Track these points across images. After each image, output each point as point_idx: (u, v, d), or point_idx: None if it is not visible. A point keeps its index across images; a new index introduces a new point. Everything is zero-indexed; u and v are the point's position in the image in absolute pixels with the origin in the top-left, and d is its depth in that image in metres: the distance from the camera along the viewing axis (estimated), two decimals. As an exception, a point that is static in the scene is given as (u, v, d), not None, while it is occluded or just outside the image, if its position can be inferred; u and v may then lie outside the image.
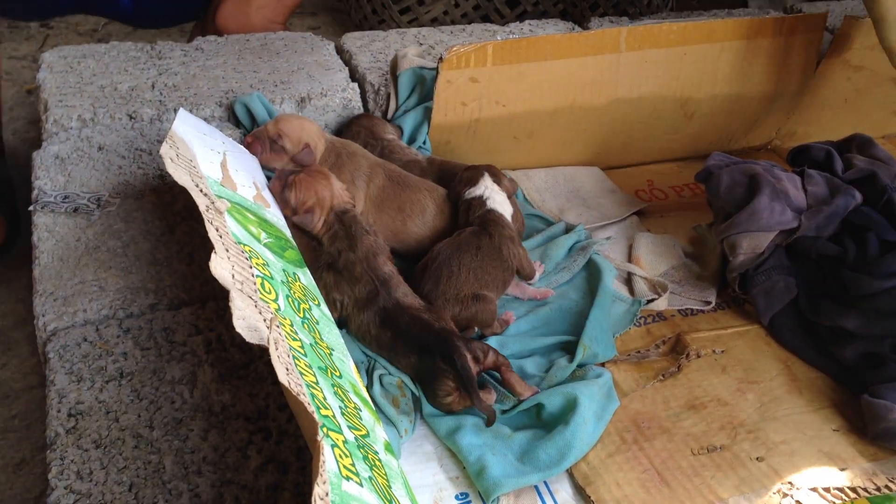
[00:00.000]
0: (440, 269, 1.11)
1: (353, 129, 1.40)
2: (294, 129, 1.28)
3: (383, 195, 1.24)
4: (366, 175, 1.25)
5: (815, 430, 1.03)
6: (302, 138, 1.26)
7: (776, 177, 1.22)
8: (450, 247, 1.13)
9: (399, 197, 1.24)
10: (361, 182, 1.25)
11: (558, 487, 0.94)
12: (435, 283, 1.10)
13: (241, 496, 0.86)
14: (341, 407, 0.77)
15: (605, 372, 1.06)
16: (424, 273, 1.12)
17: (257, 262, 0.84)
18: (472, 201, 1.20)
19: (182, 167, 0.91)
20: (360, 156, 1.28)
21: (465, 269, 1.11)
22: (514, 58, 1.34)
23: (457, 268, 1.10)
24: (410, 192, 1.24)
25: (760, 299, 1.19)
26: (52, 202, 1.20)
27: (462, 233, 1.16)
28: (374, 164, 1.27)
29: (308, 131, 1.28)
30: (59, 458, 0.88)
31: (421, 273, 1.13)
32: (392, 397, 1.00)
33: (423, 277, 1.11)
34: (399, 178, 1.26)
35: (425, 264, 1.13)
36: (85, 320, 1.05)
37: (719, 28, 1.44)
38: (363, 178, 1.25)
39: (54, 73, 1.50)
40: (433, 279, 1.10)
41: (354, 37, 1.73)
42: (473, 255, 1.12)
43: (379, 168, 1.26)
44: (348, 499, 0.63)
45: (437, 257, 1.12)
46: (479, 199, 1.20)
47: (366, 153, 1.30)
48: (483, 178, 1.23)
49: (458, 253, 1.12)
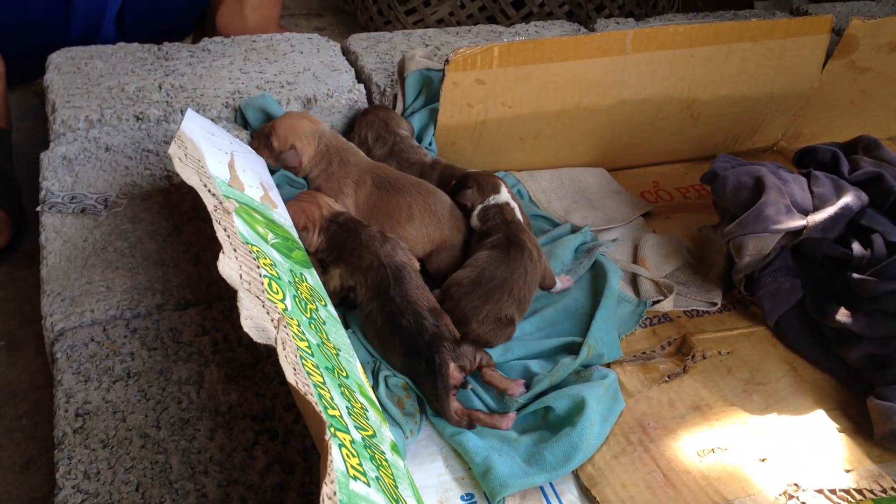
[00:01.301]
0: (495, 290, 1.08)
1: (369, 119, 1.40)
2: (284, 128, 1.29)
3: (370, 202, 1.23)
4: (353, 182, 1.25)
5: (821, 431, 1.03)
6: (289, 139, 1.27)
7: (782, 178, 1.22)
8: (506, 268, 1.10)
9: (387, 203, 1.22)
10: (349, 189, 1.25)
11: (564, 489, 0.94)
12: (484, 301, 1.07)
13: (248, 496, 0.86)
14: (348, 407, 0.77)
15: (611, 373, 1.06)
16: (475, 289, 1.08)
17: (265, 262, 0.85)
18: (495, 209, 1.19)
19: (190, 167, 0.91)
20: (351, 164, 1.27)
21: (515, 293, 1.09)
22: (520, 60, 1.34)
23: (509, 292, 1.09)
24: (399, 197, 1.22)
25: (766, 301, 1.19)
26: (60, 203, 1.21)
27: (507, 249, 1.12)
28: (365, 170, 1.26)
29: (298, 132, 1.28)
30: (67, 458, 0.88)
31: (471, 288, 1.09)
32: (397, 398, 1.01)
33: (473, 293, 1.08)
34: (388, 182, 1.24)
35: (477, 280, 1.09)
36: (92, 320, 1.05)
37: (725, 30, 1.44)
38: (351, 186, 1.25)
39: (62, 73, 1.50)
40: (483, 297, 1.08)
41: (360, 38, 1.73)
42: (524, 279, 1.11)
43: (368, 175, 1.25)
44: (356, 498, 0.63)
45: (493, 277, 1.09)
46: (505, 207, 1.19)
47: (360, 160, 1.29)
48: (503, 184, 1.22)
49: (513, 276, 1.10)
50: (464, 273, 1.11)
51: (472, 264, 1.12)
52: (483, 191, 1.22)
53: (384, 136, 1.36)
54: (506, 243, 1.13)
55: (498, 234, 1.15)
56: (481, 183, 1.23)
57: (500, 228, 1.16)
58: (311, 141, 1.28)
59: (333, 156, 1.28)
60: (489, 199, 1.21)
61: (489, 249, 1.13)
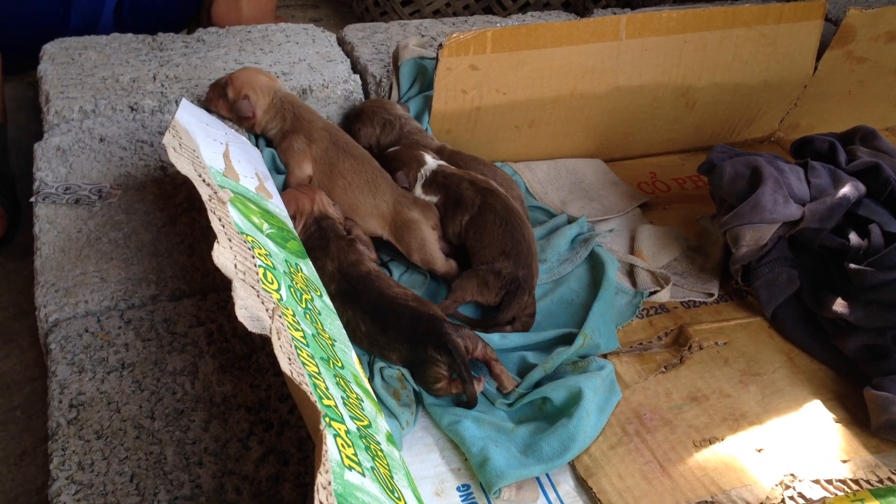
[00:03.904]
0: (534, 257, 1.16)
1: (369, 111, 1.40)
2: (240, 79, 1.32)
3: (327, 157, 1.24)
4: (306, 139, 1.27)
5: (818, 422, 1.03)
6: (243, 89, 1.29)
7: (779, 168, 1.21)
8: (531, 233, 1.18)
9: (342, 161, 1.24)
10: (302, 145, 1.26)
11: (560, 479, 0.94)
12: (531, 271, 1.14)
13: (243, 487, 0.86)
14: (343, 397, 0.77)
15: (608, 364, 1.06)
16: (518, 257, 1.14)
17: (260, 252, 0.84)
18: (432, 178, 1.24)
19: (185, 157, 0.90)
20: (305, 120, 1.29)
21: (527, 236, 1.17)
22: (513, 45, 1.34)
23: (527, 249, 1.16)
24: (354, 162, 1.24)
25: (763, 291, 1.19)
26: (54, 193, 1.20)
27: (509, 212, 1.18)
28: (320, 127, 1.28)
29: (254, 84, 1.31)
30: (61, 449, 0.88)
31: (516, 255, 1.14)
32: (393, 390, 1.00)
33: (519, 260, 1.13)
34: (345, 143, 1.26)
35: (518, 248, 1.14)
36: (86, 311, 1.04)
37: (718, 15, 1.44)
38: (303, 142, 1.26)
39: (56, 64, 1.49)
40: (530, 268, 1.14)
41: (356, 28, 1.72)
42: (521, 221, 1.19)
43: (324, 132, 1.27)
44: (351, 488, 0.63)
45: (531, 245, 1.16)
46: (439, 172, 1.25)
47: (314, 117, 1.31)
48: (425, 153, 1.27)
49: (521, 231, 1.17)
50: (489, 253, 1.15)
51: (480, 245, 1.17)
52: (410, 167, 1.25)
53: (390, 121, 1.36)
54: (479, 211, 1.18)
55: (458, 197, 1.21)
56: (405, 161, 1.26)
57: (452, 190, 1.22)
58: (265, 94, 1.30)
59: (287, 112, 1.30)
60: (421, 172, 1.24)
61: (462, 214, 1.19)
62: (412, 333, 0.99)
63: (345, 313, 1.03)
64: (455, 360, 0.96)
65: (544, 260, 1.23)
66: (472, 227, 1.18)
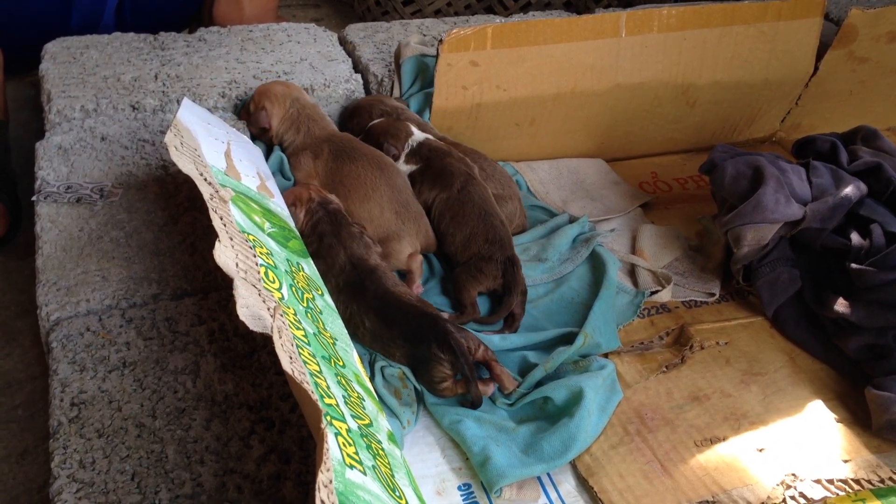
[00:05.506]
0: (511, 240, 1.20)
1: (365, 106, 1.40)
2: (259, 91, 1.33)
3: (327, 169, 1.25)
4: (312, 154, 1.27)
5: (819, 421, 1.03)
6: (261, 101, 1.31)
7: (781, 168, 1.21)
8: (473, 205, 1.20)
9: (340, 171, 1.23)
10: (307, 161, 1.27)
11: (561, 479, 0.94)
12: (514, 252, 1.17)
13: (244, 485, 0.86)
14: (345, 396, 0.77)
15: (609, 363, 1.06)
16: (503, 241, 1.17)
17: (261, 251, 0.84)
18: (418, 148, 1.28)
19: (186, 156, 0.90)
20: (314, 135, 1.29)
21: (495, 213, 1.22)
22: (513, 41, 1.34)
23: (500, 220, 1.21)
24: (352, 166, 1.22)
25: (765, 291, 1.19)
26: (55, 192, 1.20)
27: (485, 202, 1.21)
28: (323, 139, 1.28)
29: (270, 94, 1.32)
30: (62, 448, 0.88)
31: (500, 240, 1.17)
32: (394, 389, 1.00)
33: (504, 244, 1.16)
34: (345, 151, 1.25)
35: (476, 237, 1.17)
36: (88, 310, 1.04)
37: (717, 12, 1.44)
38: (309, 157, 1.27)
39: (57, 63, 1.49)
40: (513, 249, 1.18)
41: (357, 28, 1.72)
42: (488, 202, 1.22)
43: (325, 144, 1.27)
44: (352, 487, 0.63)
45: (507, 230, 1.20)
46: (424, 143, 1.29)
47: (323, 126, 1.31)
48: (412, 124, 1.31)
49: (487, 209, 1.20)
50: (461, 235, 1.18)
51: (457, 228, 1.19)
52: (398, 137, 1.28)
53: (387, 112, 1.37)
54: (457, 197, 1.20)
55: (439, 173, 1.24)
56: (392, 132, 1.28)
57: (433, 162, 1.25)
58: (281, 103, 1.31)
59: (302, 124, 1.30)
60: (409, 143, 1.27)
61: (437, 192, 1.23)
62: (417, 330, 0.99)
63: (349, 307, 1.03)
64: (458, 358, 0.96)
65: (545, 259, 1.23)
66: (448, 211, 1.20)
